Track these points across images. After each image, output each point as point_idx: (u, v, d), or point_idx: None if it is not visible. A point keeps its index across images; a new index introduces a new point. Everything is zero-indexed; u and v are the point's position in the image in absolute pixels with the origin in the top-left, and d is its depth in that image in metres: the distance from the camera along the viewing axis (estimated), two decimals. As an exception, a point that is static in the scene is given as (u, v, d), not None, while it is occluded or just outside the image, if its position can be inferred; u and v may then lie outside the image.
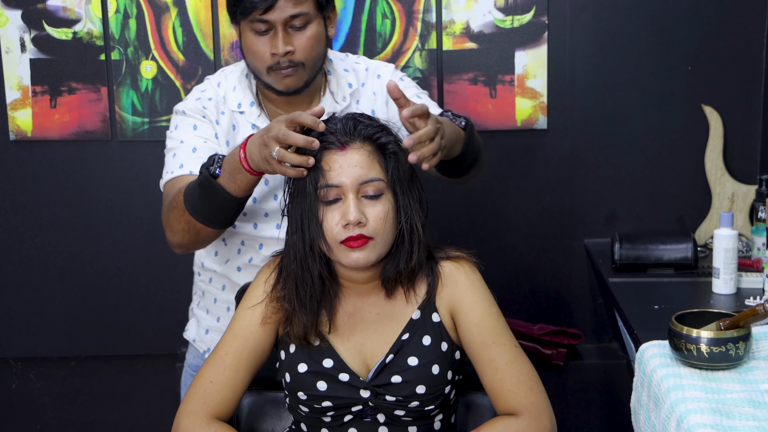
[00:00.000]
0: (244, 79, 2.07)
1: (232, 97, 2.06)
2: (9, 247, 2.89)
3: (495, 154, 2.81)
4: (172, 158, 2.03)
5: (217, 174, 1.80)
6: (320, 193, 1.65)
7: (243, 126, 2.05)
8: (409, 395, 1.68)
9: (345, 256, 1.65)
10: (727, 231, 2.21)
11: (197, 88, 2.12)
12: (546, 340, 2.78)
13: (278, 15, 1.92)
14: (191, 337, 2.26)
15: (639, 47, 2.74)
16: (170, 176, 2.00)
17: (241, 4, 1.93)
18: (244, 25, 1.96)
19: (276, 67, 1.95)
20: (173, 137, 2.05)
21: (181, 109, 2.07)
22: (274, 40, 1.94)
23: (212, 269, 2.16)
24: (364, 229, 1.63)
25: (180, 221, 1.89)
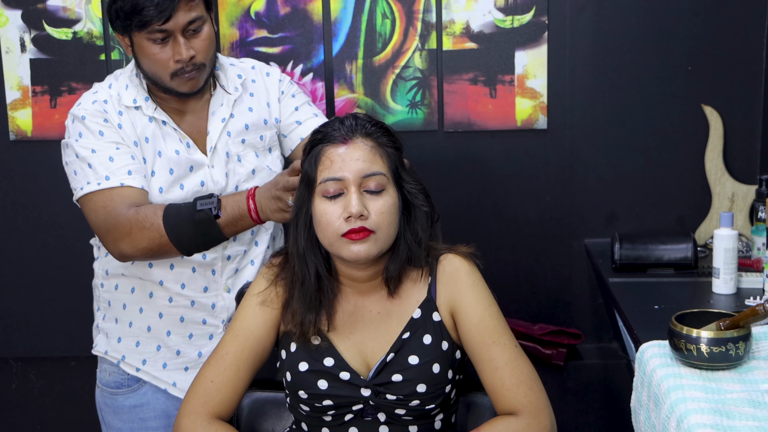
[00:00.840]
0: (135, 78, 2.09)
1: (125, 95, 2.08)
2: (9, 247, 2.89)
3: (495, 155, 2.81)
4: (87, 169, 2.02)
5: (218, 215, 1.89)
6: (322, 188, 1.65)
7: (140, 121, 2.07)
8: (410, 394, 1.68)
9: (346, 249, 1.66)
10: (727, 231, 2.21)
11: (88, 92, 2.12)
12: (546, 340, 2.78)
13: (176, 23, 1.95)
14: (102, 351, 2.24)
15: (639, 47, 2.74)
16: (96, 187, 2.00)
17: (137, 18, 1.93)
18: (139, 36, 1.98)
19: (180, 72, 2.00)
20: (82, 146, 2.03)
21: (80, 115, 2.05)
22: (175, 47, 1.97)
23: (119, 273, 2.16)
24: (366, 222, 1.64)
25: (151, 242, 1.93)
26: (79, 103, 2.08)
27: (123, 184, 2.00)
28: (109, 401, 2.23)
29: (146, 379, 2.18)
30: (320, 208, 1.67)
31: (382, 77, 2.77)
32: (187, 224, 1.89)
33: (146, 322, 2.15)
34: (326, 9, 2.74)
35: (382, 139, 1.70)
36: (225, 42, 2.75)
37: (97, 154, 2.02)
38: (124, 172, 2.01)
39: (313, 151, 1.70)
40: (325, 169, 1.66)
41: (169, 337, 2.14)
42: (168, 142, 2.07)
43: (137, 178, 2.02)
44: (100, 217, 2.00)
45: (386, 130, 1.72)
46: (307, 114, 2.21)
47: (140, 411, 2.18)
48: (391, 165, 1.70)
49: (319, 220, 1.68)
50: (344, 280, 1.75)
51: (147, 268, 2.11)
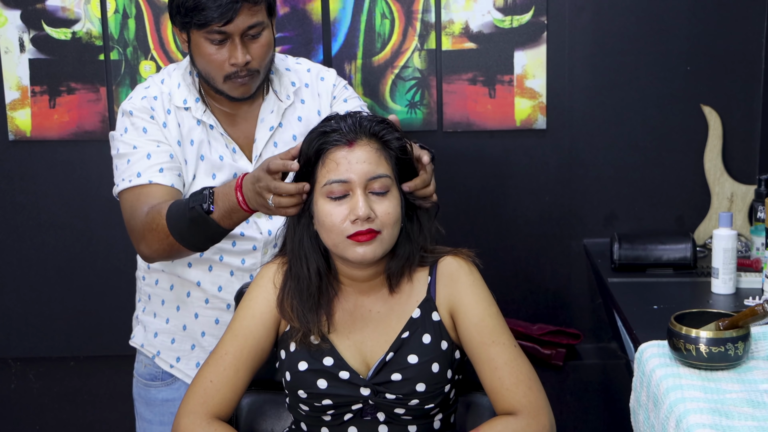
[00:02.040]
0: (188, 76, 2.08)
1: (177, 94, 2.06)
2: (8, 247, 2.89)
3: (494, 154, 2.81)
4: (126, 165, 2.02)
5: (211, 210, 1.82)
6: (327, 189, 1.65)
7: (187, 122, 2.06)
8: (409, 393, 1.68)
9: (351, 251, 1.66)
10: (726, 231, 2.21)
11: (141, 86, 2.11)
12: (545, 340, 2.78)
13: (236, 26, 1.93)
14: (139, 343, 2.24)
15: (638, 47, 2.74)
16: (128, 184, 2.00)
17: (197, 17, 1.91)
18: (197, 35, 1.96)
19: (233, 76, 1.98)
20: (124, 141, 2.04)
21: (128, 110, 2.05)
22: (232, 51, 1.95)
23: (159, 269, 2.15)
24: (372, 223, 1.64)
25: (162, 243, 1.91)
26: (131, 97, 2.08)
27: (151, 182, 1.98)
28: (143, 392, 2.25)
29: (179, 377, 2.19)
30: (324, 209, 1.67)
31: (381, 77, 2.78)
32: (185, 222, 1.86)
33: (182, 321, 2.15)
34: (325, 9, 2.74)
35: (386, 138, 1.69)
36: (224, 42, 2.75)
37: (137, 151, 2.01)
38: (156, 170, 1.99)
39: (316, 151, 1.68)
40: (330, 171, 1.66)
41: (204, 337, 2.15)
42: (213, 146, 2.06)
43: (168, 175, 2.00)
44: (126, 217, 2.01)
45: (391, 126, 1.72)
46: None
47: (172, 405, 2.18)
48: (394, 165, 1.69)
49: (323, 221, 1.67)
50: (344, 279, 1.75)
51: (186, 268, 2.11)
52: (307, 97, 2.15)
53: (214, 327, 2.14)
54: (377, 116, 1.74)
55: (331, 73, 2.20)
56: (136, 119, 2.03)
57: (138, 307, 2.27)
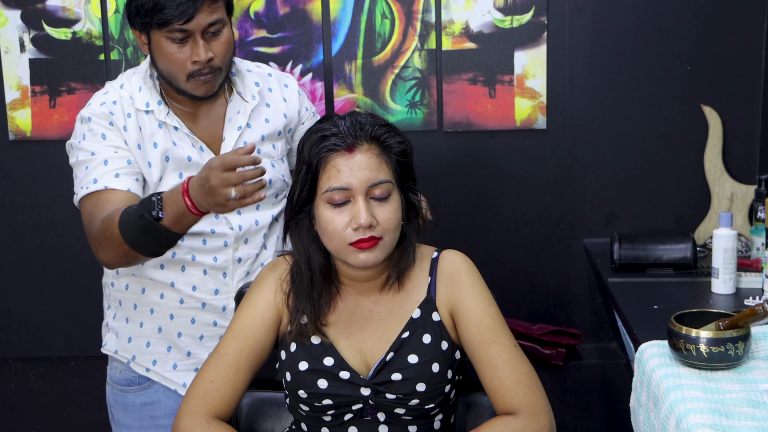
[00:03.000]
0: (149, 79, 2.07)
1: (138, 98, 2.06)
2: (8, 247, 2.89)
3: (494, 155, 2.81)
4: (84, 172, 2.01)
5: (160, 217, 1.80)
6: (327, 196, 1.65)
7: (149, 125, 2.05)
8: (410, 393, 1.68)
9: (354, 257, 1.66)
10: (726, 231, 2.21)
11: (99, 93, 2.10)
12: (545, 340, 2.78)
13: (197, 24, 1.93)
14: (112, 350, 2.21)
15: (638, 47, 2.74)
16: (85, 191, 1.99)
17: (158, 16, 1.92)
18: (158, 35, 1.96)
19: (196, 74, 1.98)
20: (82, 148, 2.02)
21: (86, 116, 2.04)
22: (194, 48, 1.95)
23: (129, 273, 2.14)
24: (373, 230, 1.64)
25: (117, 251, 1.89)
26: (89, 103, 2.07)
27: (107, 187, 1.97)
28: (119, 398, 2.22)
29: (156, 380, 2.17)
30: (326, 215, 1.66)
31: (382, 77, 2.77)
32: (137, 231, 1.83)
33: (157, 323, 2.14)
34: (325, 9, 2.74)
35: (388, 143, 1.68)
36: (224, 42, 2.75)
37: (95, 158, 2.01)
38: (112, 175, 1.98)
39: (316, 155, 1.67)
40: (331, 177, 1.65)
41: (180, 338, 2.14)
42: (180, 146, 2.06)
43: (125, 180, 1.99)
44: (85, 224, 1.99)
45: (392, 129, 1.70)
46: None
47: (150, 409, 2.18)
48: (395, 169, 1.69)
49: (325, 228, 1.67)
50: (344, 279, 1.76)
51: (158, 270, 2.10)
52: (272, 101, 2.16)
53: (190, 327, 2.13)
54: (377, 118, 1.72)
55: (291, 79, 2.23)
56: (95, 125, 2.02)
57: (107, 315, 2.25)
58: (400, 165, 1.70)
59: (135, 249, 1.86)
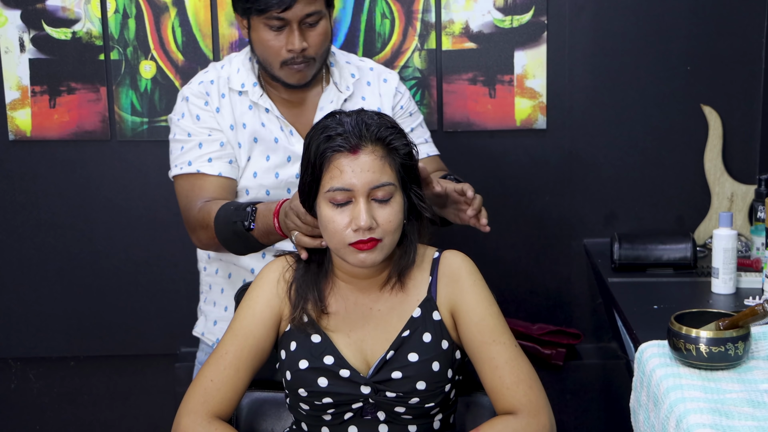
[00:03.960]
0: (248, 61, 2.15)
1: (235, 78, 2.14)
2: (8, 247, 2.89)
3: (494, 155, 2.81)
4: (180, 151, 2.13)
5: (251, 228, 1.91)
6: (329, 195, 1.65)
7: (240, 106, 2.13)
8: (410, 391, 1.68)
9: (353, 257, 1.67)
10: (726, 231, 2.21)
11: (201, 72, 2.20)
12: (545, 340, 2.78)
13: (294, 13, 2.00)
14: (200, 332, 2.30)
15: (638, 47, 2.74)
16: (179, 171, 2.12)
17: (257, 3, 1.99)
18: (257, 21, 2.03)
19: (290, 62, 2.05)
20: (180, 126, 2.13)
21: (185, 95, 2.14)
22: (290, 37, 2.02)
23: (218, 258, 2.22)
24: (373, 232, 1.64)
25: (210, 240, 2.03)
26: (190, 82, 2.18)
27: (199, 171, 2.09)
28: None
29: None
30: (327, 214, 1.67)
31: (382, 77, 2.77)
32: (229, 233, 1.96)
33: None
34: (325, 9, 2.74)
35: (393, 145, 1.67)
36: (224, 42, 2.75)
37: (191, 139, 2.11)
38: (205, 159, 2.09)
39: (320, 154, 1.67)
40: (333, 177, 1.65)
41: None
42: (268, 128, 2.12)
43: (216, 164, 2.10)
44: (181, 204, 2.12)
45: (398, 131, 1.69)
46: (419, 138, 2.24)
47: None
48: (399, 171, 1.68)
49: (325, 225, 1.68)
50: (344, 276, 1.76)
51: (240, 256, 2.15)
52: (368, 94, 2.21)
53: None
54: (384, 118, 1.71)
55: (393, 76, 2.27)
56: (192, 105, 2.12)
57: (200, 298, 2.34)
58: (405, 167, 1.70)
59: (225, 246, 2.00)
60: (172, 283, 2.87)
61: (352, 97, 2.18)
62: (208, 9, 2.75)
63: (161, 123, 2.78)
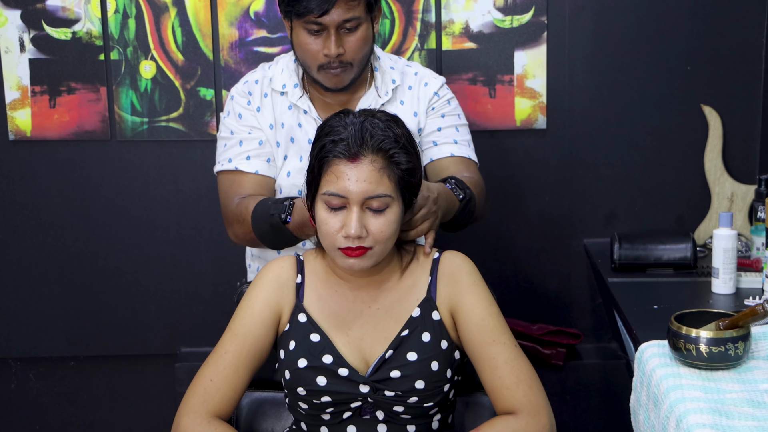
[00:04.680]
0: (292, 63, 2.19)
1: (278, 78, 2.19)
2: (8, 247, 2.89)
3: (494, 155, 2.81)
4: (223, 148, 2.20)
5: (287, 221, 1.94)
6: (325, 198, 1.65)
7: (280, 106, 2.17)
8: (408, 390, 1.68)
9: (341, 260, 1.67)
10: (726, 231, 2.21)
11: (250, 72, 2.25)
12: (545, 340, 2.78)
13: (332, 19, 2.02)
14: None
15: (638, 47, 2.74)
16: (221, 167, 2.18)
17: (297, 7, 2.02)
18: (297, 23, 2.06)
19: (326, 66, 2.07)
20: (225, 124, 2.20)
21: (231, 94, 2.21)
22: (326, 42, 2.05)
23: (258, 256, 2.27)
24: (363, 241, 1.64)
25: (246, 235, 2.08)
26: (240, 80, 2.23)
27: (237, 168, 2.15)
28: None
29: None
30: (322, 215, 1.67)
31: (382, 77, 2.77)
32: (266, 226, 1.98)
33: None
34: (325, 9, 2.74)
35: (394, 158, 1.65)
36: (224, 42, 2.75)
37: (233, 137, 2.17)
38: (243, 157, 2.15)
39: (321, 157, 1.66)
40: (330, 182, 1.64)
41: None
42: (305, 129, 2.15)
43: (254, 162, 2.15)
44: (221, 199, 2.18)
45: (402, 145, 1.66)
46: (447, 138, 2.21)
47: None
48: (398, 180, 1.67)
49: (319, 226, 1.68)
50: (343, 274, 1.76)
51: (276, 253, 2.19)
52: (407, 99, 2.21)
53: None
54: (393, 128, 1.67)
55: (437, 81, 2.25)
56: (236, 104, 2.18)
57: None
58: (406, 180, 1.68)
59: (261, 240, 2.04)
60: (172, 283, 2.87)
61: (391, 101, 2.19)
62: (208, 9, 2.75)
63: (161, 123, 2.78)
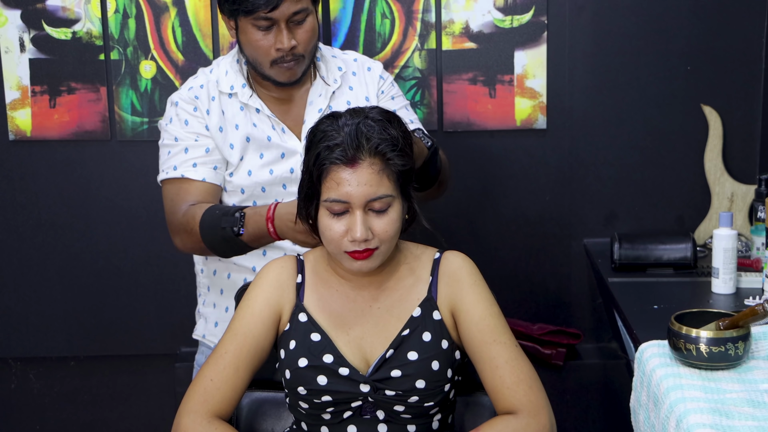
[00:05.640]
0: (236, 63, 2.16)
1: (224, 81, 2.15)
2: (8, 247, 2.89)
3: (494, 154, 2.81)
4: (167, 155, 2.13)
5: (240, 233, 1.92)
6: (327, 205, 1.65)
7: (231, 108, 2.13)
8: (409, 389, 1.68)
9: (349, 263, 1.68)
10: (726, 231, 2.21)
11: (192, 78, 2.20)
12: (545, 340, 2.78)
13: (281, 12, 2.00)
14: (200, 335, 2.29)
15: (638, 47, 2.74)
16: (165, 176, 2.12)
17: (244, 4, 2.00)
18: (244, 21, 2.03)
19: (280, 61, 2.05)
20: (168, 131, 2.14)
21: (175, 100, 2.14)
22: (278, 36, 2.03)
23: (216, 259, 2.21)
24: (369, 243, 1.65)
25: (195, 245, 2.04)
26: (180, 88, 2.19)
27: (184, 176, 2.09)
28: None
29: None
30: (325, 222, 1.67)
31: (382, 77, 2.77)
32: (217, 237, 1.96)
33: None
34: (325, 9, 2.74)
35: (392, 161, 1.65)
36: (224, 42, 2.75)
37: (177, 144, 2.12)
38: (189, 164, 2.10)
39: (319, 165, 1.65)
40: (330, 189, 1.64)
41: None
42: (260, 128, 2.13)
43: (201, 170, 2.10)
44: (166, 208, 2.12)
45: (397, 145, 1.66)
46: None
47: None
48: (398, 180, 1.67)
49: (323, 232, 1.68)
50: (344, 273, 1.76)
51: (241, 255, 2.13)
52: (355, 84, 2.22)
53: None
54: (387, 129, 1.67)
55: (377, 65, 2.28)
56: (180, 111, 2.13)
57: (199, 301, 2.33)
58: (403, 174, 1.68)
59: (212, 250, 2.01)
60: (172, 283, 2.87)
61: (341, 88, 2.19)
62: (208, 9, 2.75)
63: (161, 123, 2.78)
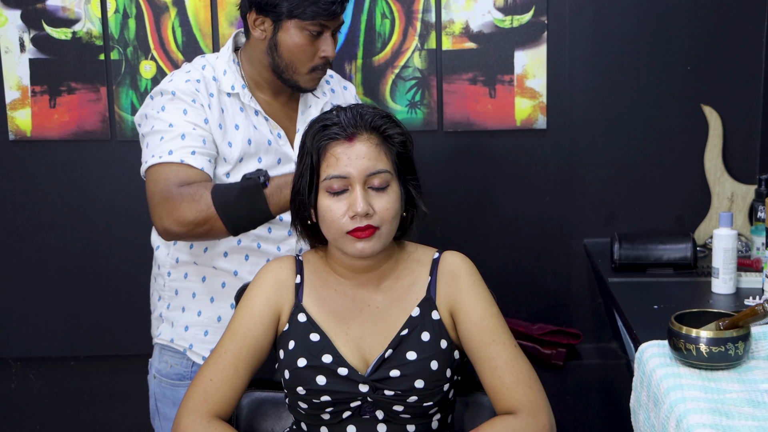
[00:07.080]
0: (233, 64, 2.14)
1: (224, 80, 2.11)
2: (8, 247, 2.89)
3: (494, 154, 2.81)
4: (158, 142, 2.01)
5: (265, 185, 1.89)
6: (326, 184, 1.66)
7: (231, 107, 2.11)
8: (408, 389, 1.68)
9: (351, 246, 1.67)
10: (726, 231, 2.21)
11: (180, 71, 2.11)
12: (545, 340, 2.78)
13: (335, 22, 2.04)
14: (167, 339, 2.19)
15: (638, 47, 2.74)
16: (158, 160, 1.99)
17: (310, 8, 1.99)
18: (294, 24, 2.02)
19: (317, 68, 2.06)
20: (160, 118, 2.03)
21: (170, 90, 2.05)
22: (325, 44, 2.04)
23: (191, 262, 2.14)
24: (371, 219, 1.65)
25: (198, 213, 1.90)
26: (171, 79, 2.09)
27: (182, 161, 1.98)
28: (168, 393, 2.20)
29: None
30: (325, 203, 1.68)
31: (382, 77, 2.78)
32: (234, 192, 1.89)
33: (217, 312, 2.15)
34: (325, 9, 2.74)
35: (388, 133, 1.70)
36: (224, 41, 2.75)
37: (172, 130, 2.02)
38: (188, 151, 2.00)
39: (317, 144, 1.69)
40: (330, 166, 1.67)
41: None
42: (260, 131, 2.12)
43: (199, 159, 2.01)
44: (158, 187, 1.97)
45: (392, 120, 1.72)
46: None
47: None
48: (395, 160, 1.70)
49: (323, 215, 1.69)
50: (343, 272, 1.76)
51: (222, 258, 2.12)
52: (336, 100, 2.23)
53: None
54: (379, 109, 1.74)
55: (351, 86, 2.34)
56: (178, 101, 2.04)
57: (159, 306, 2.23)
58: (400, 157, 1.72)
59: (221, 213, 1.89)
60: (172, 283, 2.87)
61: (328, 102, 2.20)
62: (208, 9, 2.75)
63: (161, 123, 2.78)
